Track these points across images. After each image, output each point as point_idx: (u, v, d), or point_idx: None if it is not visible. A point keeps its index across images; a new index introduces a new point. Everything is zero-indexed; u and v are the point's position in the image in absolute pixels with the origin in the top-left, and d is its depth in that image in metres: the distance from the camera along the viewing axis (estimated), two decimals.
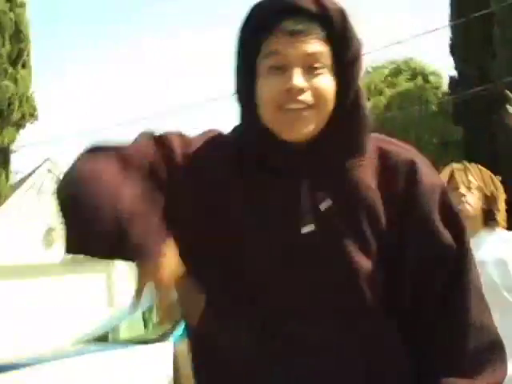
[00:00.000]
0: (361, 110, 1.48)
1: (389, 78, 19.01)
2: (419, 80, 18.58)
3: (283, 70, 1.42)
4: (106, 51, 51.40)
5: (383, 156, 1.51)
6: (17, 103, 10.76)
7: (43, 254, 14.74)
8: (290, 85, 1.39)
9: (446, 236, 1.47)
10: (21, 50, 10.87)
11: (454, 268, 1.48)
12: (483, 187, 3.10)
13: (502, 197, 3.18)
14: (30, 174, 15.57)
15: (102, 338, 5.84)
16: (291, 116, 1.42)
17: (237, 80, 1.51)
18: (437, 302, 1.48)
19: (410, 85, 18.49)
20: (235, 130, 1.58)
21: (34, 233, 14.62)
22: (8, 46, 10.53)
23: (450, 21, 17.22)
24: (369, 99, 19.06)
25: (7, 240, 13.86)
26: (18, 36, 10.78)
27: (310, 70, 1.42)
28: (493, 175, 3.23)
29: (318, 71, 1.42)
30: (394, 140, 1.59)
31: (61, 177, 4.49)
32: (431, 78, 18.96)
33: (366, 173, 1.49)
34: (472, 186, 3.08)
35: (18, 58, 10.83)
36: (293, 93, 1.40)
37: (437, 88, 18.69)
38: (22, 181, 15.36)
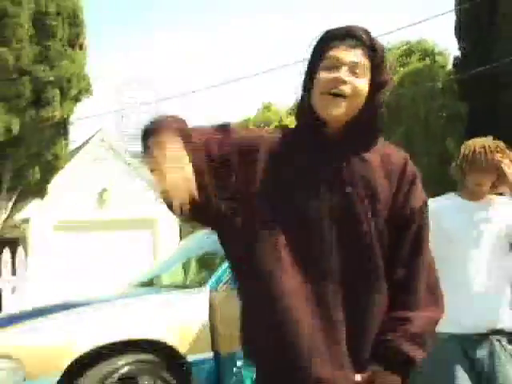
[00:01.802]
0: (379, 118, 1.87)
1: (402, 58, 18.46)
2: (428, 60, 18.21)
3: (335, 68, 1.78)
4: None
5: (385, 154, 1.88)
6: (74, 80, 10.76)
7: (97, 212, 15.30)
8: (337, 75, 1.76)
9: (415, 208, 1.84)
10: (78, 34, 11.04)
11: (417, 229, 1.84)
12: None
13: None
14: (85, 143, 15.91)
15: (148, 284, 5.98)
16: (330, 100, 1.77)
17: (304, 78, 1.88)
18: (404, 252, 1.83)
19: (421, 64, 18.09)
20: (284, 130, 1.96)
21: (89, 194, 15.07)
22: (67, 30, 10.74)
23: (456, 5, 16.78)
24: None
25: (66, 200, 14.26)
26: (75, 21, 10.94)
27: (353, 73, 1.78)
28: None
29: (358, 75, 1.79)
30: (391, 145, 1.95)
31: (113, 145, 14.08)
32: (438, 58, 18.40)
33: (375, 159, 1.85)
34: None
35: (75, 41, 10.97)
36: (337, 82, 1.76)
37: (443, 67, 18.25)
38: (79, 148, 15.58)
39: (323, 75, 1.78)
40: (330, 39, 1.82)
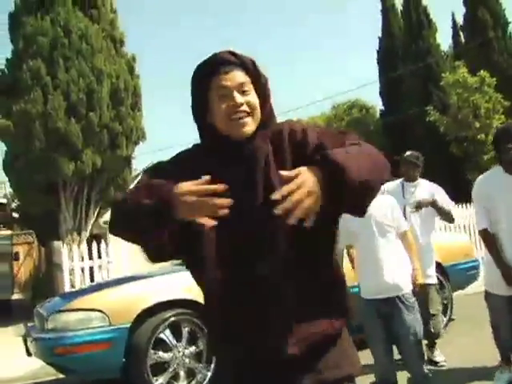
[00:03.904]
0: (274, 119, 1.42)
1: (347, 111, 18.97)
2: (363, 112, 18.77)
3: (228, 95, 1.34)
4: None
5: (274, 133, 1.39)
6: (134, 131, 10.60)
7: None
8: (234, 102, 1.33)
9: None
10: (137, 102, 10.92)
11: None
12: None
13: None
14: (142, 171, 13.81)
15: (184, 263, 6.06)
16: (238, 123, 1.34)
17: (194, 107, 1.41)
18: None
19: (359, 114, 18.62)
20: (193, 146, 1.46)
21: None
22: (130, 99, 10.60)
23: (379, 76, 17.39)
24: (335, 123, 18.71)
25: None
26: (136, 93, 10.85)
27: (243, 93, 1.36)
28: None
29: (247, 93, 1.36)
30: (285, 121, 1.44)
31: None
32: (370, 110, 19.00)
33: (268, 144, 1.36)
34: None
35: (135, 106, 10.82)
36: (236, 106, 1.34)
37: (373, 117, 18.68)
38: (138, 175, 14.43)
39: (221, 105, 1.35)
40: (208, 71, 1.37)
